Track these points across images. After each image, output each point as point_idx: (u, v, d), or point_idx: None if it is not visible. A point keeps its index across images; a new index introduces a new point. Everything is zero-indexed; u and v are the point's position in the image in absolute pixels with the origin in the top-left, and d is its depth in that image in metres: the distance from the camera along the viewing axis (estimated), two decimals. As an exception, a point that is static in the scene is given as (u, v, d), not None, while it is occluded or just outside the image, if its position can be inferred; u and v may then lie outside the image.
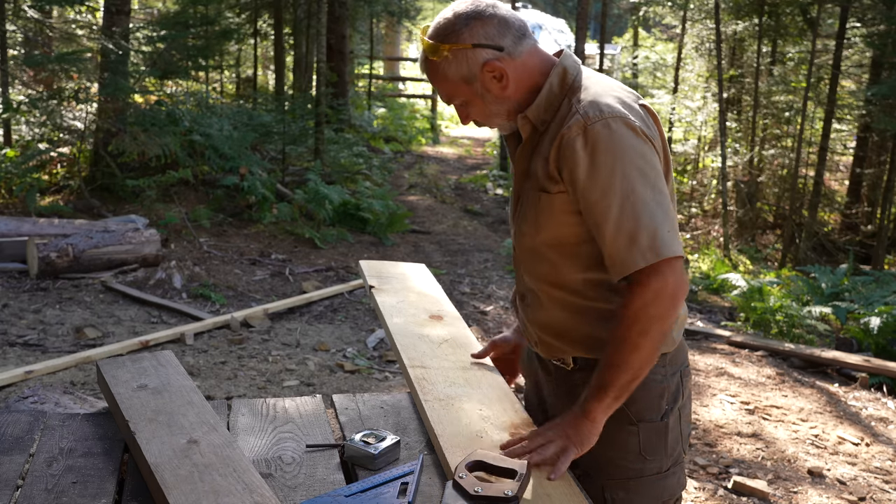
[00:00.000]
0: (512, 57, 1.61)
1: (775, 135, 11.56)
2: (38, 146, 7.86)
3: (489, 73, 1.61)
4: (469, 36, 1.60)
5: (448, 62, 1.62)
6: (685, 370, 1.74)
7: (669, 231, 1.52)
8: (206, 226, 7.43)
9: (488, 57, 1.60)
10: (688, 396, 1.77)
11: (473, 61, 1.60)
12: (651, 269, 1.50)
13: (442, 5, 24.69)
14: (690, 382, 1.78)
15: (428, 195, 10.46)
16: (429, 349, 2.00)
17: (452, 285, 6.78)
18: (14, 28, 8.31)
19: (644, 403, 1.67)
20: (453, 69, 1.62)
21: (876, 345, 6.00)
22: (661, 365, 1.67)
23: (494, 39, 1.60)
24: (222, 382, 4.37)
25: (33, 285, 5.71)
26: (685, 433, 1.76)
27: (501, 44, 1.61)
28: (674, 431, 1.70)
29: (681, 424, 1.73)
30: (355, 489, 1.48)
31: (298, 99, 10.54)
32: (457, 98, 1.68)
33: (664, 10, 12.89)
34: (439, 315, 2.22)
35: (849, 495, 3.67)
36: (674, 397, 1.70)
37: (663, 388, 1.69)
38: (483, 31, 1.60)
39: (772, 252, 10.31)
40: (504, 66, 1.61)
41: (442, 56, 1.61)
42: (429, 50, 1.63)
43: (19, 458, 1.59)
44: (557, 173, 1.58)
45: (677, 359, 1.72)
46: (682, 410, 1.73)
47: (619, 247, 1.52)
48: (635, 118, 1.55)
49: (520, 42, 1.63)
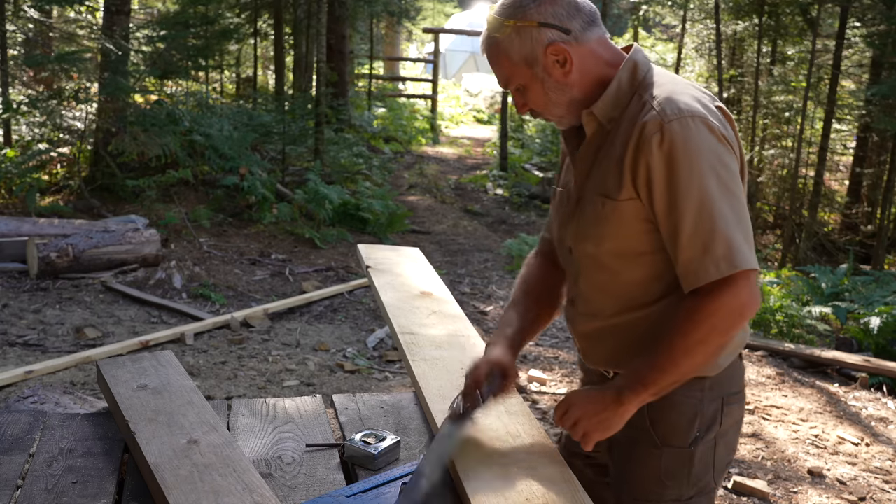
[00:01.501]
0: (579, 42, 1.53)
1: (775, 135, 11.56)
2: (38, 146, 7.86)
3: (552, 56, 1.52)
4: (536, 14, 1.51)
5: (511, 40, 1.53)
6: (731, 398, 1.61)
7: (746, 241, 1.43)
8: (206, 226, 7.43)
9: (553, 38, 1.51)
10: (731, 427, 1.63)
11: (537, 41, 1.51)
12: (724, 281, 1.42)
13: (442, 5, 24.68)
14: (739, 412, 1.65)
15: (428, 195, 10.46)
16: (418, 319, 2.16)
17: (452, 285, 6.78)
18: (14, 28, 8.31)
19: (672, 426, 1.59)
20: (516, 48, 1.53)
21: (876, 345, 6.00)
22: (699, 389, 1.57)
23: (562, 21, 1.51)
24: (222, 382, 4.37)
25: (33, 285, 5.71)
26: (721, 463, 1.63)
27: (569, 26, 1.52)
28: (703, 461, 1.59)
29: (715, 454, 1.61)
30: (356, 489, 1.48)
31: (298, 99, 10.54)
32: (515, 81, 1.57)
33: (664, 10, 12.88)
34: (429, 291, 2.40)
35: (849, 495, 3.67)
36: (708, 425, 1.58)
37: (696, 412, 1.57)
38: (552, 10, 1.51)
39: (772, 252, 10.30)
40: (569, 50, 1.52)
41: (505, 33, 1.53)
42: (493, 26, 1.55)
43: (19, 458, 1.59)
44: (631, 176, 1.48)
45: (721, 385, 1.59)
46: (720, 439, 1.61)
47: (693, 255, 1.44)
48: (714, 119, 1.46)
49: (589, 28, 1.54)
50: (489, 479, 1.50)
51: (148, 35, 9.07)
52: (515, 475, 1.53)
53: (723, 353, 1.55)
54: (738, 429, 1.67)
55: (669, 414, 1.57)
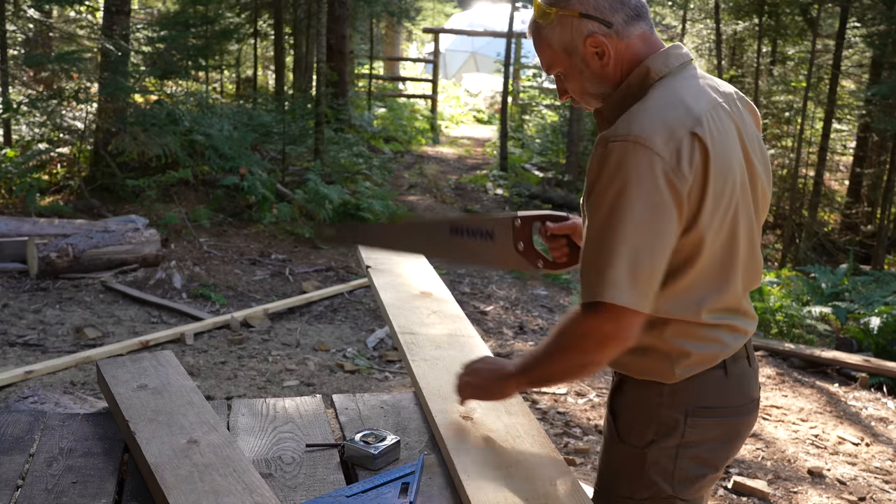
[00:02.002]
0: (619, 36, 1.53)
1: (775, 135, 11.55)
2: (38, 146, 7.86)
3: (591, 48, 1.54)
4: (579, 4, 1.53)
5: (553, 28, 1.56)
6: (701, 412, 1.57)
7: (629, 278, 1.40)
8: (206, 226, 7.43)
9: (593, 30, 1.52)
10: (704, 442, 1.58)
11: (577, 31, 1.53)
12: (597, 306, 1.43)
13: (441, 5, 24.68)
14: (718, 430, 1.59)
15: (428, 195, 10.46)
16: (418, 319, 2.17)
17: (452, 285, 6.78)
18: (14, 28, 8.31)
19: (628, 424, 1.61)
20: (557, 36, 1.56)
21: (876, 345, 6.00)
22: (657, 394, 1.56)
23: (604, 13, 1.52)
24: (222, 382, 4.37)
25: (33, 285, 5.71)
26: (685, 475, 1.58)
27: (611, 19, 1.52)
28: (658, 466, 1.57)
29: (676, 463, 1.57)
30: (356, 489, 1.48)
31: (298, 99, 10.54)
32: (555, 68, 1.60)
33: (664, 10, 12.88)
34: (429, 291, 2.40)
35: (849, 495, 3.67)
36: (666, 432, 1.56)
37: (651, 417, 1.57)
38: (594, 2, 1.53)
39: (772, 252, 10.30)
40: (608, 43, 1.53)
41: (549, 20, 1.55)
42: (538, 12, 1.58)
43: (19, 458, 1.59)
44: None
45: (684, 396, 1.56)
46: (684, 451, 1.57)
47: (582, 270, 1.47)
48: (665, 149, 1.41)
49: (632, 23, 1.54)
50: (489, 479, 1.50)
51: (148, 35, 9.07)
52: (515, 475, 1.53)
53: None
54: (718, 447, 1.60)
55: (626, 411, 1.61)
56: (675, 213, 1.43)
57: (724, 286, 1.54)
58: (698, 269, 1.50)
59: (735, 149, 1.53)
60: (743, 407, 1.62)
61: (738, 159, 1.53)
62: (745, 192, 1.55)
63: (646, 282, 1.42)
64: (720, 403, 1.58)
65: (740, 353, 1.62)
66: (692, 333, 1.53)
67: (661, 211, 1.41)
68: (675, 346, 1.53)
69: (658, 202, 1.41)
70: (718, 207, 1.47)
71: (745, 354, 1.63)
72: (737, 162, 1.52)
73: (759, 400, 1.72)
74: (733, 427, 1.61)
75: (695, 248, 1.48)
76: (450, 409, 1.75)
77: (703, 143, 1.44)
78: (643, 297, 1.42)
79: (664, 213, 1.42)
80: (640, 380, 1.58)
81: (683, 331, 1.53)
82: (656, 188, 1.40)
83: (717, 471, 1.62)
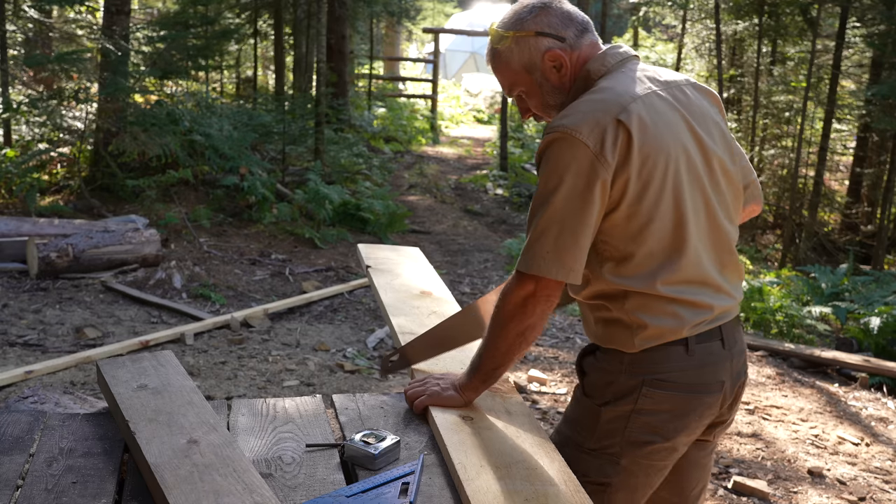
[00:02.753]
0: (573, 48, 1.70)
1: (775, 135, 11.56)
2: (38, 146, 7.87)
3: (550, 62, 1.69)
4: (533, 24, 1.69)
5: (511, 50, 1.71)
6: (656, 383, 1.66)
7: (553, 252, 1.58)
8: (206, 226, 7.43)
9: (549, 45, 1.69)
10: (656, 412, 1.67)
11: (535, 49, 1.69)
12: (519, 275, 1.62)
13: (441, 5, 24.68)
14: (672, 403, 1.67)
15: (428, 195, 10.46)
16: (418, 319, 2.16)
17: (452, 285, 6.78)
18: (14, 28, 8.31)
19: (592, 383, 1.75)
20: (516, 57, 1.71)
21: (876, 345, 6.00)
22: (619, 361, 1.69)
23: (557, 30, 1.69)
24: (222, 382, 4.37)
25: (33, 285, 5.71)
26: (634, 438, 1.68)
27: (564, 34, 1.69)
28: (610, 424, 1.69)
29: (628, 425, 1.67)
30: (356, 489, 1.48)
31: (298, 99, 10.54)
32: (518, 87, 1.75)
33: (664, 10, 12.89)
34: (429, 291, 2.40)
35: (849, 495, 3.67)
36: (620, 396, 1.68)
37: (612, 380, 1.69)
38: (547, 20, 1.69)
39: (772, 252, 10.30)
40: (564, 56, 1.69)
41: (506, 44, 1.71)
42: (495, 38, 1.73)
43: (19, 458, 1.59)
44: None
45: (641, 366, 1.66)
46: (636, 416, 1.67)
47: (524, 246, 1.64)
48: (591, 137, 1.56)
49: (582, 36, 1.71)
50: (490, 479, 1.50)
51: (148, 35, 9.07)
52: (515, 475, 1.53)
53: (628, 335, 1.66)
54: (669, 419, 1.68)
55: (594, 372, 1.75)
56: (600, 194, 1.58)
57: (677, 259, 1.63)
58: (648, 244, 1.62)
59: (674, 131, 1.64)
60: (704, 386, 1.69)
61: (680, 141, 1.64)
62: (691, 170, 1.65)
63: (570, 257, 1.59)
64: (677, 379, 1.67)
65: (711, 334, 1.68)
66: (650, 307, 1.64)
67: (586, 194, 1.57)
68: (635, 319, 1.64)
69: (584, 186, 1.57)
70: (650, 186, 1.60)
71: (718, 336, 1.69)
72: (676, 143, 1.63)
73: (738, 385, 1.77)
74: (688, 403, 1.68)
75: (639, 225, 1.61)
76: (450, 410, 1.75)
77: (626, 128, 1.57)
78: (566, 270, 1.59)
79: (590, 196, 1.57)
80: (606, 348, 1.72)
81: (642, 304, 1.64)
82: (581, 174, 1.56)
83: (667, 441, 1.69)
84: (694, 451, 1.81)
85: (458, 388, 1.76)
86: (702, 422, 1.72)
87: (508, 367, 1.71)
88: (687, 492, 1.86)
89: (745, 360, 1.79)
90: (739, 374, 1.76)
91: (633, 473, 1.71)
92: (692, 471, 1.84)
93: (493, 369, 1.71)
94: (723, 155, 1.72)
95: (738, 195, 1.77)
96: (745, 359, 1.80)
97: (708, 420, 1.74)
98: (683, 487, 1.86)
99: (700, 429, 1.74)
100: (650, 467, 1.72)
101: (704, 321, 1.67)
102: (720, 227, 1.70)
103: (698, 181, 1.66)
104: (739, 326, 1.79)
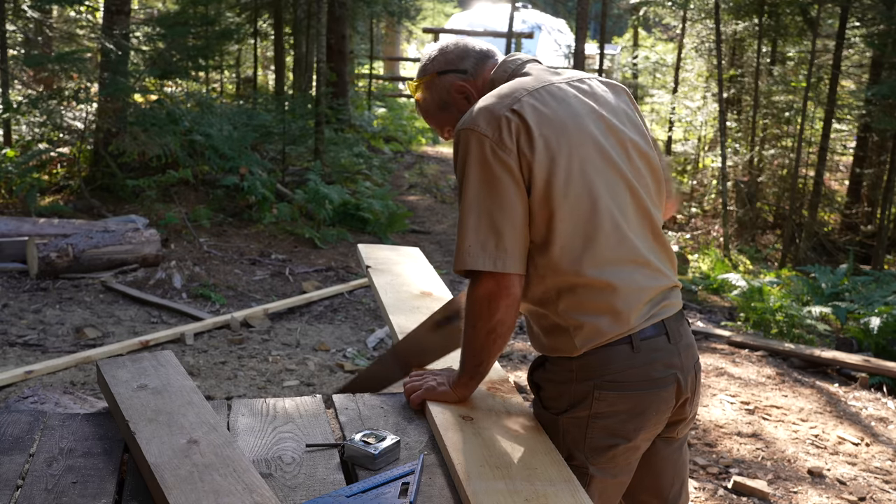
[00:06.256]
0: (475, 77, 1.82)
1: (775, 135, 11.55)
2: (38, 146, 7.87)
3: (457, 94, 1.82)
4: (433, 67, 1.84)
5: (426, 97, 1.86)
6: (607, 385, 1.66)
7: (480, 245, 1.61)
8: (206, 226, 7.43)
9: (452, 80, 1.82)
10: (612, 414, 1.68)
11: (442, 87, 1.83)
12: (474, 275, 1.64)
13: (441, 5, 24.69)
14: (626, 403, 1.67)
15: (428, 195, 10.46)
16: (418, 319, 2.14)
17: (452, 285, 6.78)
18: (14, 28, 8.31)
19: (547, 394, 1.76)
20: (430, 100, 1.85)
21: (876, 345, 6.00)
22: (568, 369, 1.69)
23: (456, 64, 1.83)
24: (222, 382, 4.37)
25: (33, 285, 5.71)
26: (596, 445, 1.69)
27: (463, 67, 1.82)
28: (570, 433, 1.69)
29: (587, 432, 1.68)
30: (356, 489, 1.48)
31: (298, 99, 10.54)
32: (445, 125, 1.87)
33: (664, 10, 12.87)
34: (429, 291, 2.40)
35: (849, 495, 3.67)
36: (575, 403, 1.68)
37: (563, 389, 1.70)
38: (444, 59, 1.83)
39: (772, 252, 10.30)
40: (468, 86, 1.81)
41: (421, 93, 1.86)
42: (412, 90, 1.88)
43: (19, 458, 1.59)
44: None
45: (590, 371, 1.67)
46: (594, 421, 1.68)
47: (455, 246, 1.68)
48: (489, 128, 1.63)
49: (483, 63, 1.83)
50: (490, 480, 1.50)
51: (148, 35, 9.07)
52: (515, 475, 1.53)
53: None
54: (627, 419, 1.68)
55: (546, 384, 1.76)
56: (510, 178, 1.62)
57: (599, 239, 1.65)
58: (566, 225, 1.64)
59: (576, 116, 1.69)
60: (655, 381, 1.69)
61: (584, 125, 1.68)
62: (603, 153, 1.68)
63: (492, 244, 1.61)
64: (627, 378, 1.68)
65: (655, 329, 1.69)
66: (582, 305, 1.66)
67: (495, 181, 1.62)
68: (571, 320, 1.66)
69: (491, 174, 1.63)
70: (556, 168, 1.63)
71: (663, 330, 1.70)
72: (580, 127, 1.68)
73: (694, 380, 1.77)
74: (643, 400, 1.68)
75: (553, 207, 1.63)
76: (450, 409, 1.75)
77: (520, 115, 1.64)
78: (492, 259, 1.61)
79: (499, 182, 1.62)
80: (554, 357, 1.73)
81: (575, 303, 1.66)
82: (486, 162, 1.63)
83: (630, 441, 1.70)
84: (664, 450, 1.82)
85: (453, 390, 1.79)
86: (660, 417, 1.73)
87: (491, 361, 1.73)
88: (665, 492, 1.87)
89: (694, 354, 1.79)
90: (690, 369, 1.76)
91: (602, 479, 1.71)
92: (666, 469, 1.85)
93: (475, 366, 1.74)
94: (635, 137, 1.76)
95: (660, 179, 1.80)
96: (695, 353, 1.80)
97: (666, 415, 1.74)
98: (661, 488, 1.86)
99: (660, 424, 1.75)
100: (617, 468, 1.73)
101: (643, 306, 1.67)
102: (646, 208, 1.73)
103: (613, 163, 1.69)
104: (684, 321, 1.79)
